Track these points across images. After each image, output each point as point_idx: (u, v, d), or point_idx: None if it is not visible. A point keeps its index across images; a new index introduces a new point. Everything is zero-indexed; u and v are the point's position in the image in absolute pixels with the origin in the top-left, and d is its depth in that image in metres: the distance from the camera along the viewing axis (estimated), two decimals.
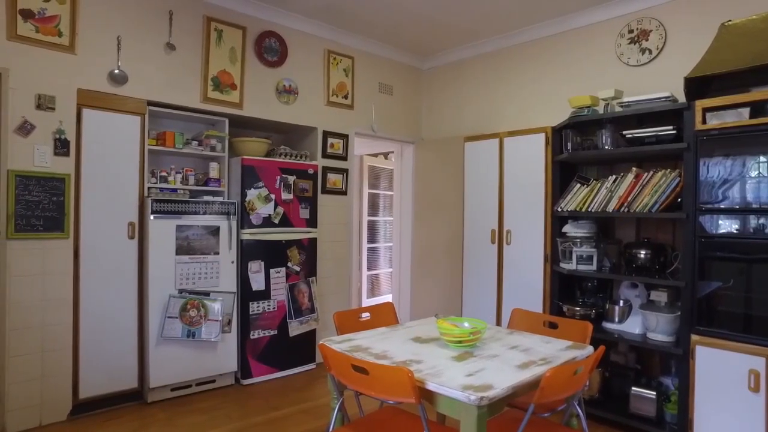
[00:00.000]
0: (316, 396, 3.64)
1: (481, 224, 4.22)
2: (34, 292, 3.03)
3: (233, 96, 3.85)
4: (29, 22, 3.00)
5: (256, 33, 4.00)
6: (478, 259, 4.24)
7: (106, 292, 3.27)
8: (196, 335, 3.48)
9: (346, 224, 4.63)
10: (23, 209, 2.98)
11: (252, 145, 3.93)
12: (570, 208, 3.42)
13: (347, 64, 4.61)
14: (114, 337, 3.30)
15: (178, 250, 3.46)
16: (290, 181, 3.99)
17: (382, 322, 2.78)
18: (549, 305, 3.72)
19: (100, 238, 3.25)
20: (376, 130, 4.84)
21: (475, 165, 4.30)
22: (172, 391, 3.49)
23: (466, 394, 1.60)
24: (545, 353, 2.07)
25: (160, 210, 3.39)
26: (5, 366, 2.94)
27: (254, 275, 3.79)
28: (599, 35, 3.87)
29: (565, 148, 3.55)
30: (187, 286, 3.49)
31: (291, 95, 4.21)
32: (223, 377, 3.73)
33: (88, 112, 3.21)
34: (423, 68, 5.31)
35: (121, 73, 3.33)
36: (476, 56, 4.80)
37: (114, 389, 3.31)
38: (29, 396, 3.01)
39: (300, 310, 4.07)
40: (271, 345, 3.91)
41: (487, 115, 4.70)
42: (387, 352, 2.07)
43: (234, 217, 3.72)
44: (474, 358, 2.01)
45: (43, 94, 3.04)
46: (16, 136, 2.96)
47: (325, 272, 4.42)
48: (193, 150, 3.72)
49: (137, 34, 3.42)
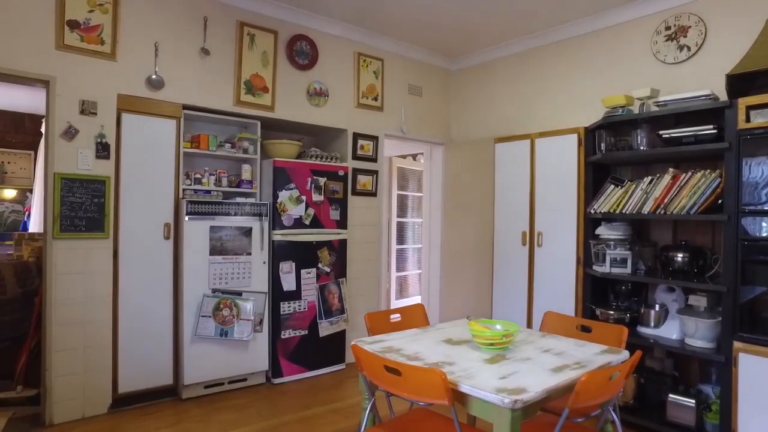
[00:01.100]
0: (346, 396, 3.66)
1: (512, 226, 4.18)
2: (77, 289, 3.14)
3: (265, 99, 3.92)
4: (75, 32, 3.12)
5: (288, 37, 4.06)
6: (509, 261, 4.20)
7: (143, 290, 3.37)
8: (229, 334, 3.55)
9: (375, 225, 4.65)
10: (68, 210, 3.10)
11: (283, 147, 3.99)
12: (603, 210, 3.36)
13: (377, 66, 4.63)
14: (150, 335, 3.40)
15: (212, 251, 3.54)
16: (321, 182, 4.03)
17: (412, 323, 2.79)
18: (581, 308, 3.66)
19: (137, 238, 3.35)
20: (406, 131, 4.84)
21: (506, 166, 4.26)
22: (205, 388, 3.57)
23: (499, 397, 1.59)
24: (579, 357, 2.04)
25: (194, 211, 3.47)
26: (51, 360, 3.06)
27: (285, 276, 3.85)
28: (634, 33, 3.78)
29: (599, 149, 3.48)
30: (220, 286, 3.57)
31: (321, 98, 4.25)
32: (254, 376, 3.79)
33: (127, 117, 3.32)
34: (452, 69, 5.29)
35: (158, 78, 3.43)
36: (505, 57, 4.76)
37: (150, 385, 3.40)
38: (72, 389, 3.12)
39: (330, 310, 4.10)
40: (302, 345, 3.96)
41: (517, 115, 4.65)
42: (419, 354, 2.07)
43: (266, 218, 3.79)
44: (507, 360, 1.99)
45: (86, 99, 3.16)
46: (61, 141, 3.09)
47: (354, 273, 4.45)
48: (226, 152, 3.80)
49: (174, 40, 3.52)
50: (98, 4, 3.20)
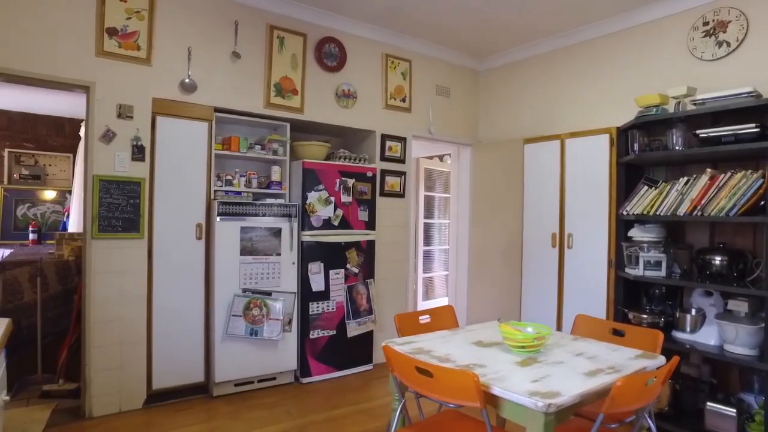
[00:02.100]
0: (374, 397, 3.67)
1: (542, 227, 4.13)
2: (113, 288, 3.24)
3: (294, 101, 3.97)
4: (113, 39, 3.22)
5: (316, 39, 4.10)
6: (538, 262, 4.15)
7: (176, 289, 3.45)
8: (259, 334, 3.60)
9: (403, 227, 4.66)
10: (105, 211, 3.19)
11: (312, 148, 4.03)
12: (636, 212, 3.28)
13: (405, 68, 4.63)
14: (183, 333, 3.47)
15: (242, 251, 3.60)
16: (349, 183, 4.06)
17: (442, 325, 2.77)
18: (613, 312, 3.59)
19: (170, 238, 3.43)
20: (434, 132, 4.83)
21: (535, 167, 4.21)
22: (235, 386, 3.62)
23: (533, 401, 1.57)
24: (613, 361, 2.00)
25: (225, 212, 3.54)
26: (90, 356, 3.16)
27: (314, 276, 3.88)
28: (669, 30, 3.69)
29: (631, 149, 3.41)
30: (250, 286, 3.62)
31: (350, 99, 4.28)
32: (283, 375, 3.84)
33: (162, 120, 3.40)
34: (480, 70, 5.25)
35: (191, 82, 3.51)
36: (534, 56, 4.70)
37: (182, 382, 3.48)
38: (110, 384, 3.22)
39: (358, 311, 4.12)
40: (330, 345, 3.99)
41: (547, 116, 4.59)
42: (449, 356, 2.06)
43: (295, 219, 3.83)
44: (538, 363, 1.97)
45: (123, 104, 3.26)
46: (100, 144, 3.19)
47: (382, 274, 4.46)
48: (256, 154, 3.86)
49: (206, 44, 3.59)
50: (135, 11, 3.29)
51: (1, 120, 5.80)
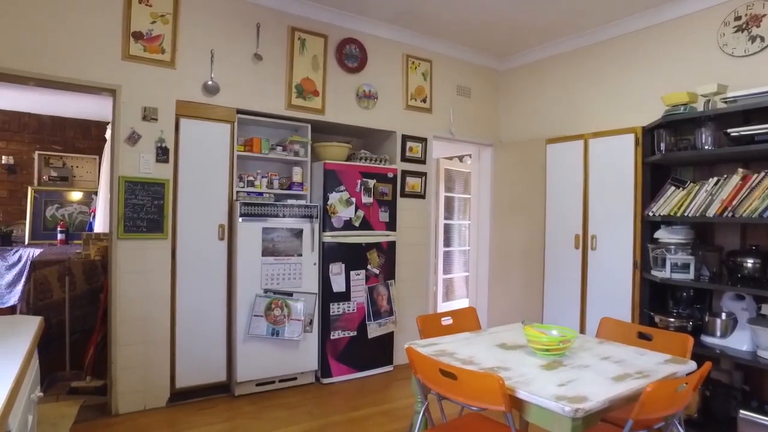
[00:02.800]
0: (395, 398, 3.66)
1: (564, 228, 4.07)
2: (138, 287, 3.29)
3: (316, 102, 3.98)
4: (139, 43, 3.27)
5: (337, 40, 4.11)
6: (561, 264, 4.09)
7: (198, 289, 3.48)
8: (280, 334, 3.62)
9: (424, 228, 4.63)
10: (130, 212, 3.25)
11: (333, 149, 4.04)
12: (663, 213, 3.21)
13: (425, 68, 4.62)
14: (205, 332, 3.51)
15: (264, 252, 3.62)
16: (370, 184, 4.06)
17: (464, 326, 2.75)
18: (638, 315, 3.52)
19: (193, 239, 3.47)
20: (455, 133, 4.80)
21: (558, 167, 4.15)
22: (257, 386, 3.65)
23: (560, 405, 1.54)
24: (641, 366, 1.95)
25: (247, 213, 3.56)
26: (116, 354, 3.22)
27: (335, 277, 3.89)
28: (697, 26, 3.60)
29: (658, 149, 3.34)
30: (271, 286, 3.65)
31: (371, 100, 4.28)
32: (304, 375, 3.85)
33: (185, 122, 3.45)
34: (501, 70, 5.20)
35: (213, 84, 3.55)
36: (556, 55, 4.64)
37: (205, 381, 3.52)
38: (135, 382, 3.27)
39: (379, 312, 4.12)
40: (351, 346, 3.99)
41: (570, 116, 4.52)
42: (473, 358, 2.04)
43: (316, 220, 3.84)
44: (564, 367, 1.93)
45: (148, 106, 3.31)
46: (125, 146, 3.25)
47: (403, 275, 4.45)
48: (277, 155, 3.88)
49: (228, 46, 3.63)
50: (160, 15, 3.34)
51: (32, 123, 5.95)
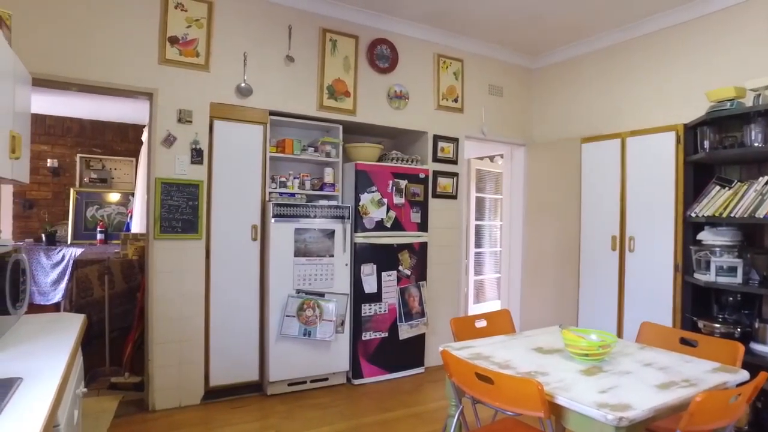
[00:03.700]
0: (426, 400, 3.63)
1: (600, 230, 3.96)
2: (173, 287, 3.35)
3: (347, 103, 3.99)
4: (175, 47, 3.34)
5: (368, 41, 4.10)
6: (597, 266, 3.98)
7: (232, 289, 3.53)
8: (312, 334, 3.63)
9: (455, 228, 4.59)
10: (166, 213, 3.31)
11: (365, 150, 4.04)
12: (707, 214, 3.09)
13: (457, 67, 4.57)
14: (239, 332, 3.55)
15: (296, 252, 3.64)
16: (402, 185, 4.04)
17: (498, 329, 2.70)
18: (680, 320, 3.39)
19: (227, 239, 3.51)
20: (486, 133, 4.74)
21: (593, 167, 4.05)
22: (288, 385, 3.67)
23: (602, 413, 1.48)
24: (688, 374, 1.87)
25: (280, 213, 3.59)
26: (153, 352, 3.29)
27: (367, 278, 3.88)
28: (744, 17, 3.44)
29: (701, 147, 3.21)
30: (303, 287, 3.67)
31: (402, 100, 4.26)
32: (335, 376, 3.86)
33: (219, 124, 3.50)
34: (534, 68, 5.11)
35: (246, 87, 3.59)
36: (592, 52, 4.52)
37: (238, 380, 3.56)
38: (170, 379, 3.34)
39: (410, 313, 4.09)
40: (382, 347, 3.98)
41: (606, 114, 4.40)
42: (510, 362, 2.00)
43: (348, 220, 3.85)
44: (604, 373, 1.87)
45: (183, 109, 3.37)
46: (162, 148, 3.32)
47: (434, 276, 4.41)
48: (309, 156, 3.90)
49: (260, 49, 3.66)
50: (194, 20, 3.40)
51: (75, 127, 6.16)
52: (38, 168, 5.93)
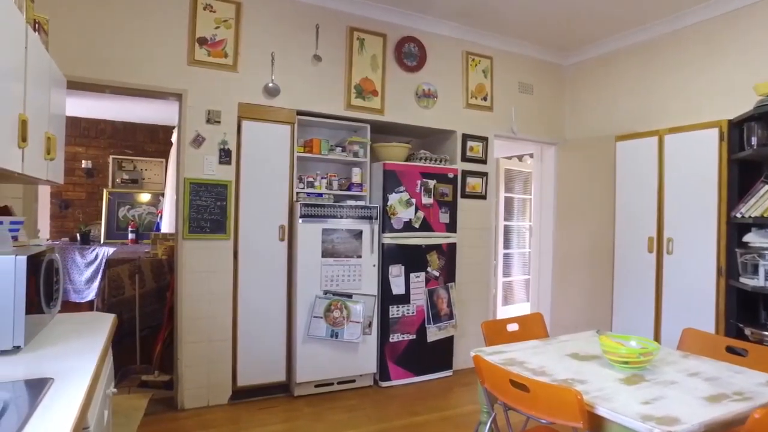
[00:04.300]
0: (455, 404, 3.56)
1: (636, 231, 3.82)
2: (202, 286, 3.37)
3: (375, 102, 3.95)
4: (203, 48, 3.36)
5: (396, 39, 4.05)
6: (632, 269, 3.84)
7: (259, 290, 3.53)
8: (339, 336, 3.60)
9: (485, 229, 4.50)
10: (195, 213, 3.33)
11: (393, 149, 3.99)
12: (754, 214, 2.93)
13: (486, 65, 4.48)
14: (266, 332, 3.54)
15: (324, 253, 3.62)
16: (430, 185, 3.97)
17: (531, 334, 2.62)
18: (724, 326, 3.23)
19: (255, 239, 3.51)
20: (517, 131, 4.63)
21: (629, 166, 3.91)
22: (315, 387, 3.65)
23: (647, 426, 1.40)
24: (739, 386, 1.75)
25: (307, 214, 3.57)
26: (182, 351, 3.31)
27: (395, 279, 3.84)
28: None
29: (748, 144, 3.05)
30: (331, 288, 3.64)
31: (430, 99, 4.20)
32: (362, 378, 3.82)
33: (247, 124, 3.50)
34: (565, 65, 4.98)
35: (274, 86, 3.58)
36: (627, 47, 4.37)
37: (265, 380, 3.55)
38: (199, 378, 3.35)
39: (438, 315, 4.02)
40: (410, 349, 3.92)
41: (642, 111, 4.25)
42: (545, 369, 1.92)
43: (376, 221, 3.80)
44: (647, 383, 1.77)
45: (211, 109, 3.39)
46: (191, 148, 3.34)
47: (463, 278, 4.33)
48: (337, 156, 3.87)
49: (288, 49, 3.65)
50: (223, 21, 3.41)
51: (108, 129, 6.30)
52: (74, 169, 6.09)
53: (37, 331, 1.68)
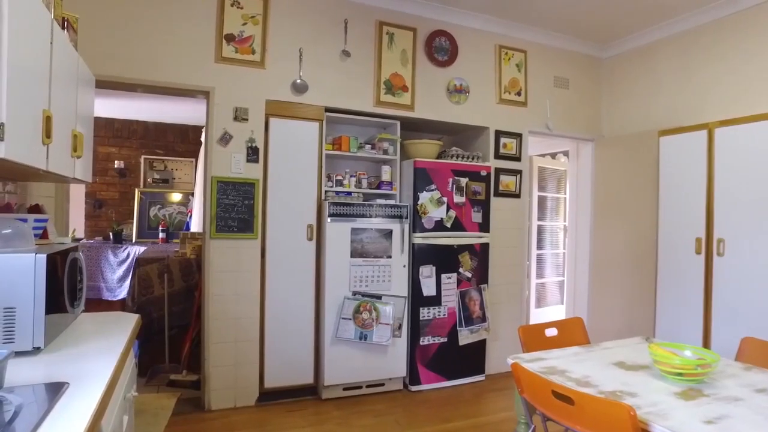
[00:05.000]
0: (488, 411, 3.42)
1: (682, 231, 3.59)
2: (229, 286, 3.32)
3: (405, 98, 3.84)
4: (231, 45, 3.32)
5: (426, 33, 3.94)
6: (678, 271, 3.61)
7: (287, 290, 3.46)
8: (368, 338, 3.50)
9: (519, 229, 4.33)
10: (222, 212, 3.29)
11: (424, 147, 3.87)
12: None
13: (519, 59, 4.31)
14: (294, 334, 3.48)
15: (353, 253, 3.53)
16: (462, 183, 3.84)
17: (570, 339, 2.47)
18: None
19: (283, 239, 3.45)
20: (552, 127, 4.45)
21: (674, 161, 3.69)
22: (344, 390, 3.56)
23: None
24: None
25: (336, 213, 3.49)
26: (209, 351, 3.27)
27: (425, 280, 3.71)
28: None
29: None
30: (360, 289, 3.55)
31: (462, 94, 4.06)
32: (391, 381, 3.71)
33: (274, 121, 3.44)
34: (603, 57, 4.76)
35: (302, 83, 3.52)
36: (671, 36, 4.13)
37: (293, 383, 3.48)
38: (226, 379, 3.31)
39: (471, 318, 3.88)
40: (441, 352, 3.79)
41: (688, 103, 4.01)
42: (589, 379, 1.78)
43: (406, 220, 3.69)
44: (706, 398, 1.61)
45: (239, 107, 3.34)
46: (218, 146, 3.30)
47: (496, 279, 4.17)
48: (366, 153, 3.78)
49: (316, 44, 3.58)
50: (250, 17, 3.36)
51: (139, 129, 6.38)
52: (107, 169, 6.19)
53: (60, 331, 1.64)
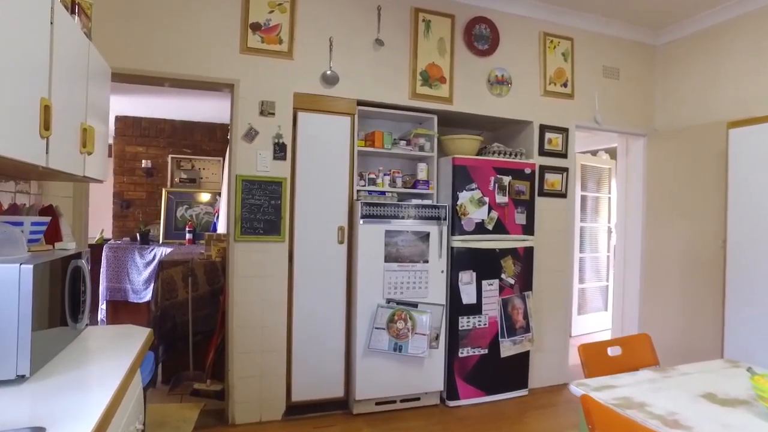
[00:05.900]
0: (532, 429, 3.12)
1: (757, 235, 3.20)
2: (255, 292, 3.11)
3: (443, 90, 3.56)
4: (257, 34, 3.11)
5: (465, 20, 3.65)
6: (751, 281, 3.22)
7: (317, 297, 3.23)
8: (403, 349, 3.24)
9: (564, 231, 4.00)
10: (247, 213, 3.08)
11: (463, 143, 3.58)
12: None
13: (566, 47, 3.98)
14: (323, 344, 3.25)
15: (387, 257, 3.27)
16: (505, 182, 3.53)
17: (637, 360, 2.17)
18: None
19: (312, 242, 3.22)
20: (600, 121, 4.09)
21: (746, 156, 3.30)
22: (376, 405, 3.31)
23: None
24: None
25: (369, 214, 3.24)
26: (233, 361, 3.07)
27: (465, 287, 3.42)
28: None
29: None
30: (394, 296, 3.28)
31: (504, 86, 3.75)
32: (428, 396, 3.44)
33: (303, 115, 3.22)
34: (658, 44, 4.37)
35: (332, 74, 3.28)
36: (732, 19, 3.74)
37: (322, 396, 3.26)
38: (251, 392, 3.11)
39: (513, 328, 3.57)
40: (481, 365, 3.50)
41: (758, 93, 3.61)
42: (677, 416, 1.47)
43: (444, 222, 3.41)
44: None
45: (265, 100, 3.13)
46: (243, 143, 3.09)
47: (540, 286, 3.85)
48: (401, 150, 3.52)
49: (347, 33, 3.35)
50: (278, 4, 3.15)
51: (167, 128, 6.27)
52: (134, 169, 6.09)
53: (58, 350, 1.43)
